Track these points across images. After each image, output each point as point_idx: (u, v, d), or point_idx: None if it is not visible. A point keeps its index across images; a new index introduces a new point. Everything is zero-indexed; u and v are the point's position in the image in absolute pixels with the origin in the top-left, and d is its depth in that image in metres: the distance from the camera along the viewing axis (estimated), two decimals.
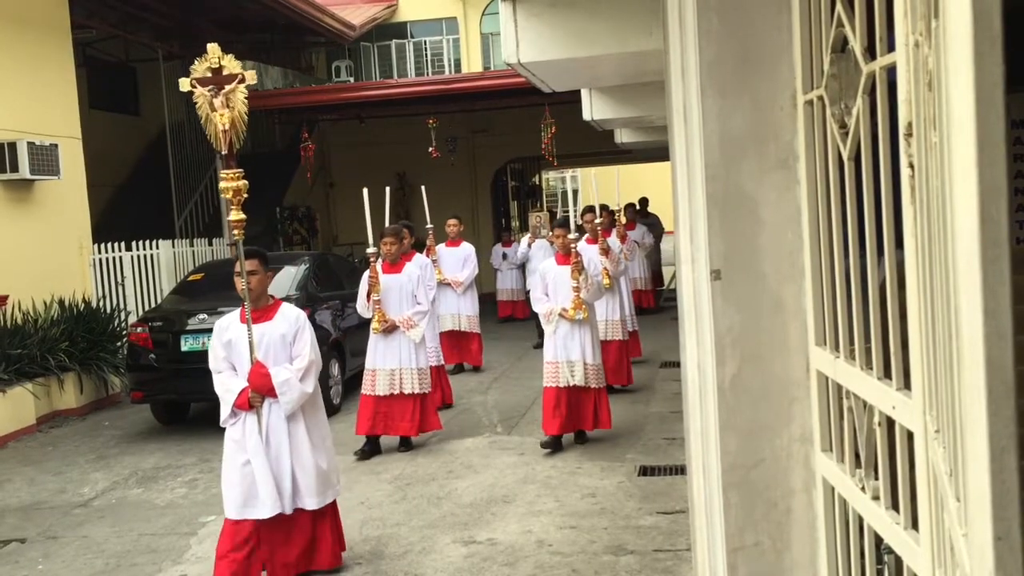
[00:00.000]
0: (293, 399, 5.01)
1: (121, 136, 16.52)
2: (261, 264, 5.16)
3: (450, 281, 11.10)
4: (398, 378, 7.83)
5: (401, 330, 7.83)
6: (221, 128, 4.87)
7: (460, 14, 22.30)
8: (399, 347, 7.84)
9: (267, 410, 5.05)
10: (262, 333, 5.08)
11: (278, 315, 5.18)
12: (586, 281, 7.50)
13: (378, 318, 7.80)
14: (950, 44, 1.10)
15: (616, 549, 5.50)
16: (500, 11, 5.79)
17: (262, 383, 4.98)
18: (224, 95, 4.86)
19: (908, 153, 1.62)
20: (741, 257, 2.74)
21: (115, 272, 12.26)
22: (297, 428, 5.11)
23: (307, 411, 5.16)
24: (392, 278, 7.95)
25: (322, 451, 5.22)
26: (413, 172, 18.53)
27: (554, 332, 7.67)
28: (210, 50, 4.91)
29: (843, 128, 2.25)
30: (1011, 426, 0.98)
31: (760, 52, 2.69)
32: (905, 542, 1.96)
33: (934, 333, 1.48)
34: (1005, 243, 0.98)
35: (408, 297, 7.93)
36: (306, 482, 5.11)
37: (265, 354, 5.05)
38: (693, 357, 2.95)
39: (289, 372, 5.02)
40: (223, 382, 5.10)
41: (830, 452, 2.59)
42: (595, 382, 7.71)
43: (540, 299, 7.87)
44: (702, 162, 2.74)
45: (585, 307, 7.57)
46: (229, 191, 4.96)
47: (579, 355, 7.60)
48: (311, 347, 5.14)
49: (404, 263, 8.14)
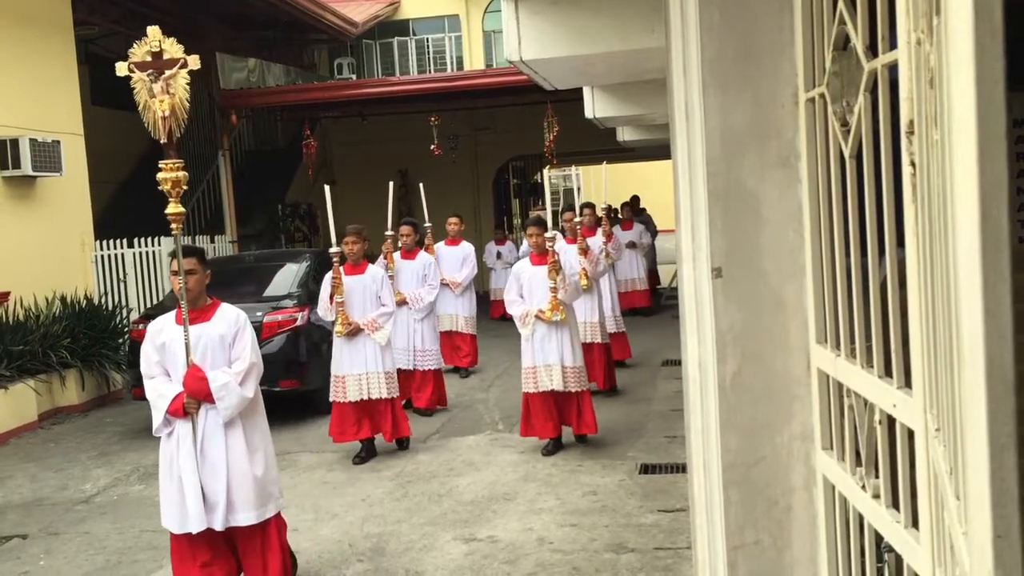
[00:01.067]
0: (232, 405, 4.68)
1: (123, 133, 16.46)
2: (199, 263, 4.87)
3: (448, 281, 10.81)
4: (366, 383, 7.54)
5: (366, 333, 7.53)
6: (160, 115, 4.56)
7: (462, 11, 22.29)
8: (364, 351, 7.53)
9: (203, 417, 4.70)
10: (199, 335, 4.73)
11: (216, 315, 4.84)
12: (563, 281, 7.21)
13: (341, 321, 7.49)
14: (951, 41, 1.09)
15: (617, 547, 5.50)
16: (502, 9, 5.79)
17: (198, 387, 4.63)
18: (164, 81, 4.55)
19: (910, 151, 1.61)
20: (742, 255, 2.74)
21: (117, 269, 12.27)
22: (235, 436, 4.76)
23: (246, 418, 4.82)
24: (355, 279, 7.63)
25: (260, 460, 4.84)
26: (415, 170, 18.52)
27: (531, 335, 7.39)
28: (150, 33, 4.58)
29: (845, 126, 2.25)
30: (1010, 424, 0.98)
31: (762, 49, 2.69)
32: (905, 540, 1.95)
33: (935, 332, 1.48)
34: (1006, 242, 0.98)
35: (372, 298, 7.62)
36: (240, 494, 4.72)
37: (202, 357, 4.71)
38: (694, 355, 2.95)
39: (228, 376, 4.69)
40: (155, 387, 4.75)
41: (831, 450, 2.59)
42: (575, 385, 7.42)
43: (514, 301, 7.52)
44: (703, 159, 2.74)
45: (562, 308, 7.27)
46: (167, 182, 4.65)
47: (557, 358, 7.32)
48: (252, 349, 4.82)
49: (366, 265, 7.80)
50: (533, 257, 7.56)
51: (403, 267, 9.42)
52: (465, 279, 10.97)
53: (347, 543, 5.82)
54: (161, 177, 4.67)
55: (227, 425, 4.72)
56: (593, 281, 8.88)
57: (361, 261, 7.75)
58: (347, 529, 6.07)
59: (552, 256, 7.20)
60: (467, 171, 20.32)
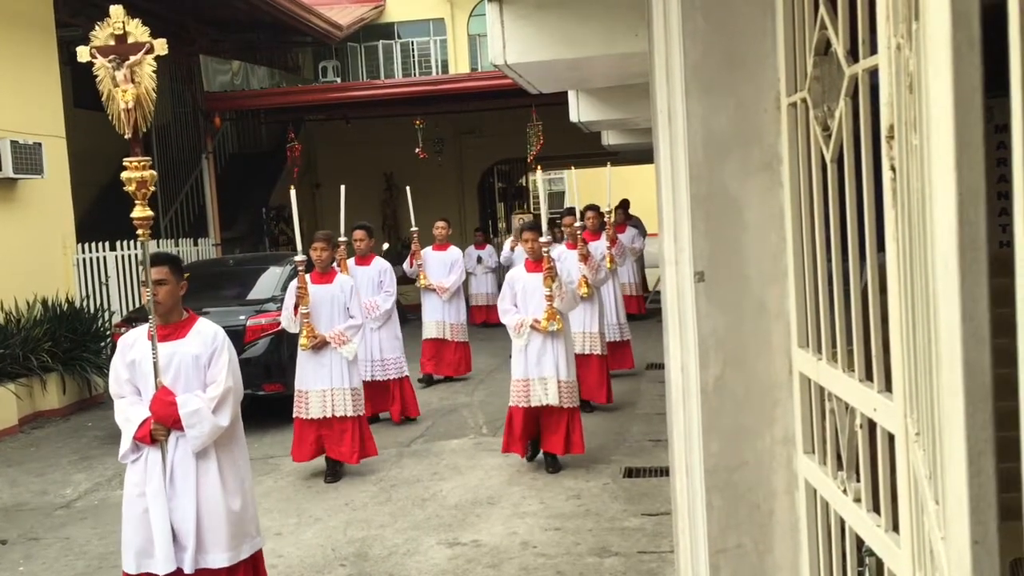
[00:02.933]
0: (203, 433, 4.19)
1: (106, 135, 16.28)
2: (172, 272, 4.33)
3: (435, 287, 10.56)
4: (330, 400, 7.11)
5: (332, 346, 7.11)
6: (123, 107, 4.04)
7: (447, 15, 22.28)
8: (330, 365, 7.10)
9: (173, 446, 4.22)
10: (172, 353, 4.25)
11: (192, 332, 4.34)
12: (559, 289, 6.83)
13: (306, 333, 7.02)
14: (929, 47, 1.10)
15: (601, 551, 5.50)
16: (487, 12, 5.79)
17: (166, 413, 4.16)
18: (128, 67, 4.05)
19: (890, 156, 1.62)
20: (725, 259, 2.74)
21: (99, 272, 12.19)
22: (208, 468, 4.27)
23: (222, 448, 4.33)
24: (322, 289, 7.21)
25: (236, 495, 4.36)
26: (400, 173, 18.50)
27: (525, 346, 7.00)
28: (113, 13, 4.11)
29: (826, 130, 2.26)
30: (988, 429, 0.98)
31: (744, 54, 2.69)
32: (886, 544, 1.96)
33: (914, 336, 1.48)
34: (983, 246, 0.98)
35: (340, 310, 7.20)
36: (214, 533, 4.26)
37: (174, 378, 4.24)
38: (676, 359, 2.95)
39: (200, 401, 4.20)
40: (123, 409, 4.31)
41: (812, 454, 2.60)
42: (568, 401, 7.04)
43: (508, 310, 7.14)
44: (686, 164, 2.74)
45: (559, 317, 6.91)
46: (133, 183, 4.13)
47: (552, 371, 6.95)
48: (229, 371, 4.31)
49: (334, 274, 7.43)
50: (528, 264, 7.21)
51: (357, 274, 8.93)
52: (453, 284, 10.67)
53: (330, 548, 5.80)
54: (126, 176, 4.15)
55: (199, 455, 4.25)
56: (594, 289, 8.59)
57: (330, 269, 7.38)
58: (330, 533, 6.05)
59: (547, 263, 6.81)
60: (452, 174, 20.29)
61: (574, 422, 7.13)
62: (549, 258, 6.84)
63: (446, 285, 10.63)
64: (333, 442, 7.17)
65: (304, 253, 7.10)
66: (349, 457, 7.20)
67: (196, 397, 4.23)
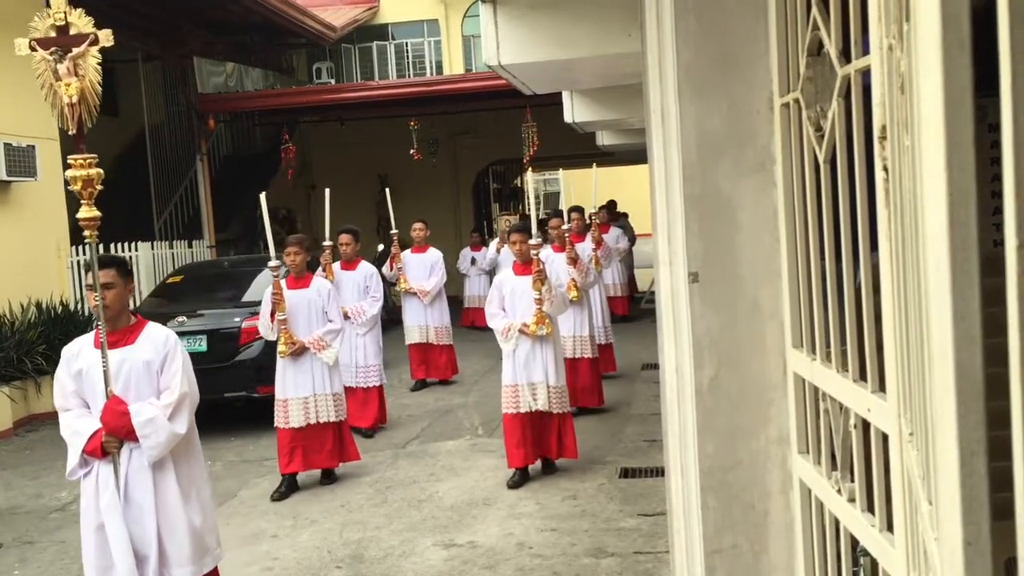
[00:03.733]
0: (159, 443, 4.00)
1: (99, 137, 16.35)
2: (119, 275, 4.14)
3: (416, 290, 10.36)
4: (313, 407, 6.96)
5: (312, 352, 6.97)
6: (67, 101, 3.83)
7: (442, 16, 22.28)
8: (311, 372, 6.96)
9: (126, 458, 4.03)
10: (121, 360, 4.05)
11: (142, 337, 4.15)
12: (549, 292, 6.67)
13: (284, 340, 6.86)
14: (920, 48, 1.10)
15: (597, 551, 5.50)
16: (481, 13, 5.79)
17: (119, 423, 3.96)
18: (71, 60, 3.84)
19: (882, 156, 1.62)
20: (718, 259, 2.74)
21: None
22: (165, 478, 4.08)
23: (178, 457, 4.15)
24: (299, 294, 7.04)
25: (196, 506, 4.18)
26: (395, 174, 18.49)
27: (513, 351, 6.85)
28: (53, 3, 3.91)
29: (819, 131, 2.26)
30: (980, 430, 0.98)
31: (737, 55, 2.70)
32: (881, 544, 1.96)
33: (907, 336, 1.48)
34: (974, 247, 0.98)
35: (318, 315, 7.06)
36: (175, 548, 4.08)
37: (124, 386, 4.04)
38: (671, 360, 2.95)
39: (155, 409, 4.01)
40: (70, 423, 4.08)
41: (807, 454, 2.60)
42: (558, 407, 6.92)
43: (496, 314, 6.97)
44: (680, 164, 2.75)
45: (548, 321, 6.75)
46: (78, 181, 3.89)
47: (542, 376, 6.81)
48: (183, 376, 4.13)
49: (310, 277, 7.24)
50: (516, 267, 7.05)
51: (343, 278, 8.81)
52: (434, 287, 10.42)
53: (326, 550, 5.79)
54: (70, 175, 3.91)
55: (155, 466, 4.06)
56: (583, 292, 8.48)
57: (305, 273, 7.22)
58: (326, 535, 6.05)
59: (537, 265, 6.66)
60: (447, 175, 20.31)
61: (566, 427, 7.04)
62: (539, 261, 6.69)
63: (427, 288, 10.39)
64: (313, 451, 7.03)
65: (278, 258, 6.91)
66: (328, 462, 7.10)
67: (150, 405, 4.03)
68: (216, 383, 8.86)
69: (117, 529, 3.97)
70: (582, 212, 10.09)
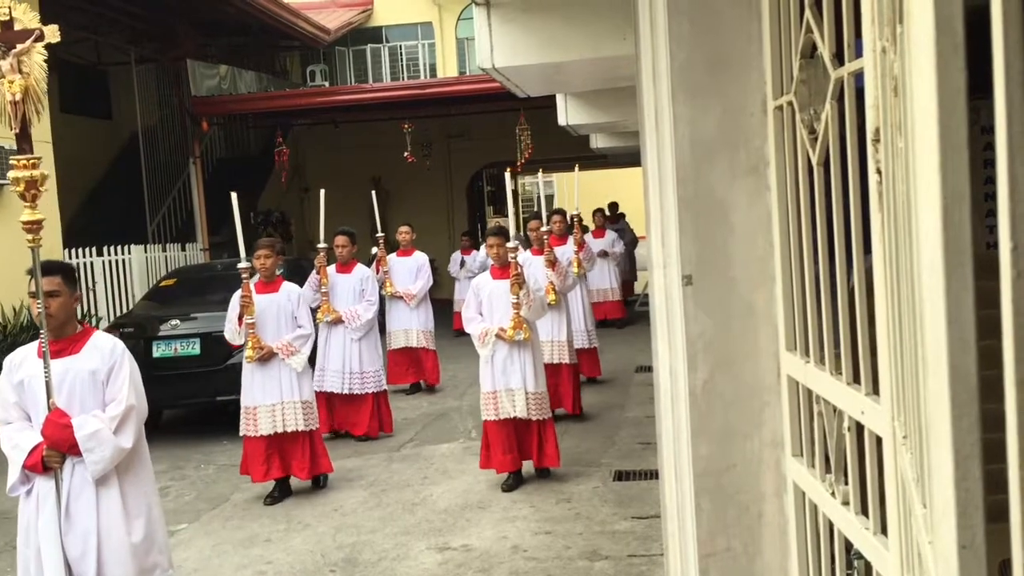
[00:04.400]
0: (104, 458, 3.80)
1: (92, 140, 16.37)
2: (65, 282, 3.93)
3: (401, 294, 10.16)
4: (280, 414, 6.74)
5: (280, 358, 6.75)
6: (10, 99, 3.67)
7: (435, 19, 22.28)
8: (279, 378, 6.74)
9: (69, 473, 3.82)
10: (65, 370, 3.85)
11: (88, 347, 3.95)
12: (527, 296, 6.52)
13: (251, 344, 6.64)
14: (913, 51, 1.10)
15: (591, 554, 5.49)
16: (475, 16, 5.79)
17: (61, 436, 3.75)
18: (15, 56, 3.69)
19: (876, 159, 1.62)
20: (712, 262, 2.74)
21: (86, 278, 12.13)
22: (109, 496, 3.87)
23: (124, 473, 3.94)
24: (268, 298, 6.83)
25: (141, 525, 3.97)
26: (388, 177, 18.49)
27: (491, 357, 6.69)
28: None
29: (812, 133, 2.26)
30: (974, 434, 0.98)
31: (731, 57, 2.69)
32: (874, 547, 1.96)
33: (901, 339, 1.48)
34: (968, 249, 0.98)
35: (287, 319, 6.86)
36: (118, 569, 3.88)
37: (68, 398, 3.84)
38: (665, 362, 2.95)
39: (99, 422, 3.81)
40: (10, 437, 3.87)
41: (800, 457, 2.60)
42: (537, 413, 6.73)
43: (473, 319, 6.82)
44: (673, 167, 2.74)
45: (526, 326, 6.59)
46: (21, 183, 3.70)
47: (520, 382, 6.64)
48: (130, 387, 3.93)
49: (280, 281, 7.04)
50: (494, 270, 6.90)
51: (338, 282, 8.63)
52: (420, 291, 10.25)
53: (320, 553, 5.77)
54: (13, 176, 3.70)
55: (99, 482, 3.85)
56: (561, 296, 8.32)
57: (275, 278, 7.02)
58: (320, 539, 6.03)
59: (514, 269, 6.53)
60: (441, 178, 20.29)
61: (546, 434, 6.86)
62: (516, 264, 6.56)
63: (413, 292, 10.20)
64: (286, 458, 6.88)
65: (248, 260, 6.70)
66: (300, 472, 6.90)
67: (94, 418, 3.84)
68: (209, 386, 8.86)
69: (52, 551, 3.78)
70: (564, 214, 9.95)
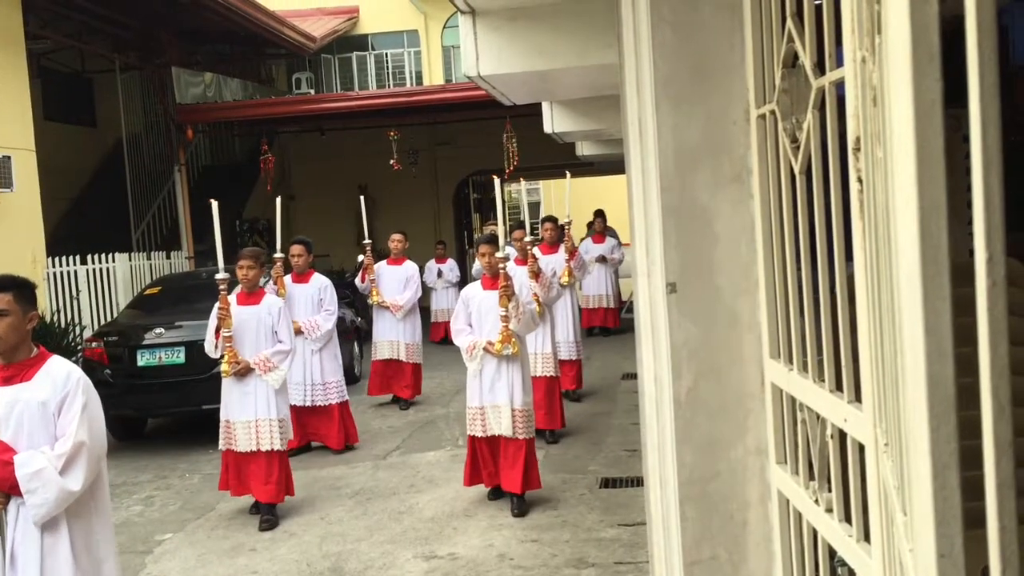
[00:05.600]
0: (48, 500, 3.40)
1: (76, 147, 16.29)
2: (18, 300, 3.53)
3: (388, 304, 9.85)
4: (254, 431, 6.49)
5: (257, 373, 6.49)
6: None
7: (421, 27, 22.32)
8: (255, 394, 6.49)
9: (14, 516, 3.47)
10: (13, 400, 3.48)
11: (40, 374, 3.55)
12: (516, 310, 6.23)
13: (228, 359, 6.39)
14: (891, 61, 1.10)
15: (577, 562, 5.49)
16: (460, 24, 5.79)
17: (2, 475, 3.40)
18: None
19: (857, 168, 1.63)
20: (696, 270, 2.75)
21: (70, 286, 12.06)
22: (56, 544, 3.48)
23: (76, 519, 3.54)
24: (248, 311, 6.58)
25: (89, 569, 3.58)
26: (375, 184, 18.47)
27: (479, 371, 6.43)
28: None
29: (794, 142, 2.27)
30: (952, 443, 0.98)
31: (714, 66, 2.71)
32: (858, 555, 1.96)
33: (882, 347, 1.49)
34: (945, 260, 0.98)
35: (267, 333, 6.59)
36: None
37: (16, 431, 3.47)
38: (650, 370, 2.95)
39: (44, 460, 3.41)
40: None
41: (785, 464, 2.60)
42: (523, 432, 6.39)
43: (462, 331, 6.56)
44: (657, 175, 2.75)
45: (515, 340, 6.32)
46: None
47: (506, 398, 6.35)
48: (82, 421, 3.49)
49: (262, 294, 6.77)
50: (485, 280, 6.62)
51: (295, 292, 8.34)
52: (408, 302, 9.90)
53: (305, 563, 5.75)
54: None
55: (45, 527, 3.46)
56: (545, 308, 7.99)
57: (257, 289, 6.77)
58: (305, 548, 6.00)
59: (503, 280, 6.21)
60: (427, 186, 20.30)
61: (530, 455, 6.51)
62: (506, 275, 6.23)
63: (400, 302, 9.87)
64: (248, 479, 6.60)
65: (226, 271, 6.44)
66: (265, 496, 6.55)
67: (41, 455, 3.44)
68: (194, 395, 8.81)
69: None
70: (555, 222, 9.74)
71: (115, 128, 16.29)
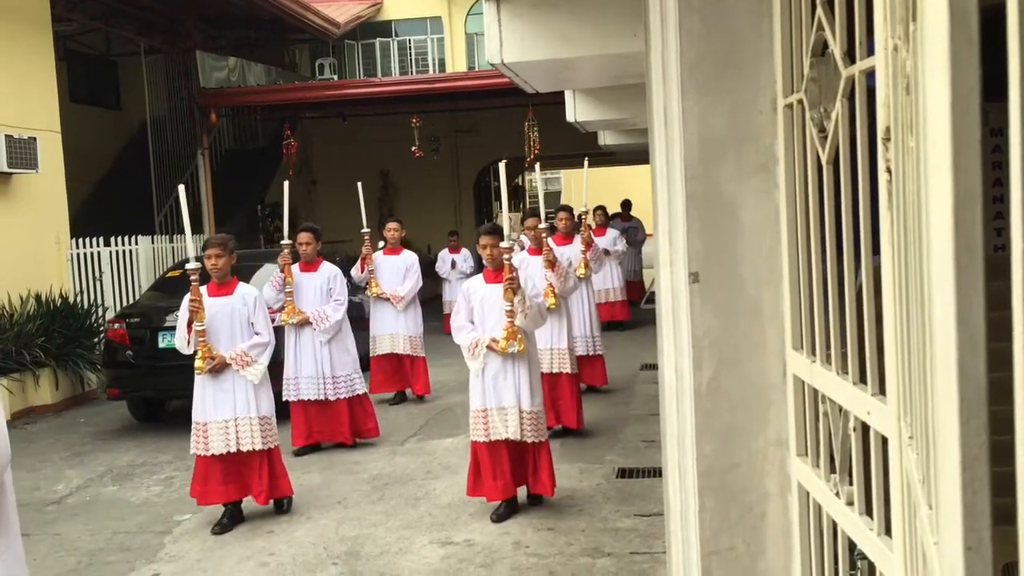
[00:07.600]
0: None
1: (101, 130, 16.40)
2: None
3: (388, 295, 9.46)
4: (234, 431, 6.08)
5: (234, 368, 6.10)
6: None
7: (445, 13, 22.28)
8: (233, 391, 6.09)
9: None
10: None
11: None
12: (522, 303, 5.76)
13: (202, 354, 6.00)
14: (927, 48, 1.09)
15: (593, 551, 5.49)
16: (484, 11, 5.78)
17: None
18: None
19: (886, 158, 1.61)
20: (719, 260, 2.73)
21: (93, 267, 12.17)
22: None
23: None
24: (221, 302, 6.15)
25: None
26: (396, 171, 18.52)
27: (481, 371, 5.97)
28: None
29: (822, 132, 2.25)
30: (982, 435, 0.97)
31: (741, 54, 2.68)
32: (878, 548, 1.95)
33: (909, 339, 1.47)
34: (979, 250, 0.97)
35: (243, 326, 6.18)
36: None
37: None
38: (670, 360, 2.94)
39: None
40: None
41: (805, 456, 2.59)
42: (532, 435, 5.97)
43: (463, 327, 6.07)
44: (682, 164, 2.73)
45: (521, 336, 5.85)
46: None
47: (513, 399, 5.91)
48: None
49: (235, 283, 6.28)
50: (488, 273, 6.14)
51: (303, 281, 7.99)
52: (408, 292, 9.53)
53: (322, 546, 5.78)
54: None
55: None
56: (561, 300, 7.60)
57: (230, 278, 6.29)
58: (322, 532, 6.03)
59: (508, 272, 5.75)
60: (448, 173, 20.32)
61: (541, 458, 6.13)
62: (510, 267, 5.77)
63: (400, 293, 9.49)
64: (243, 478, 6.25)
65: (198, 260, 6.03)
66: (257, 496, 6.25)
67: None
68: None
69: None
70: (571, 212, 9.49)
71: (139, 111, 16.38)
